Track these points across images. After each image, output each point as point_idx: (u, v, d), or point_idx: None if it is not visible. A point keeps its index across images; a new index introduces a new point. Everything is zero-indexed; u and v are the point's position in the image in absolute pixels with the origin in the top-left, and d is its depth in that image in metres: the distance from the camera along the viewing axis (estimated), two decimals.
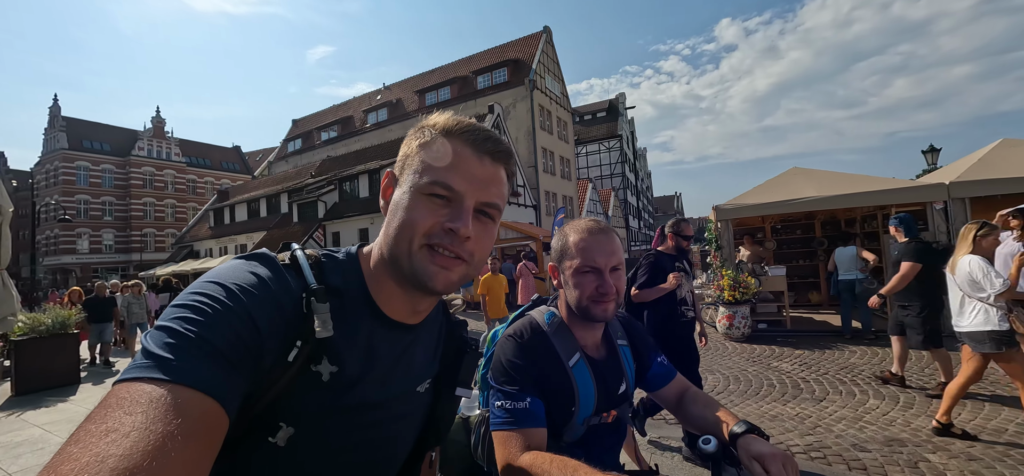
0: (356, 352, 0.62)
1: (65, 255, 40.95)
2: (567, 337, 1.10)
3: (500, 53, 31.49)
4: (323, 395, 0.59)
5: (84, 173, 42.47)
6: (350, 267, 0.66)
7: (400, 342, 0.68)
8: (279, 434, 0.57)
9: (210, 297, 0.50)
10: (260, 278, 0.55)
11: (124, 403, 0.41)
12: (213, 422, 0.45)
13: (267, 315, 0.53)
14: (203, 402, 0.44)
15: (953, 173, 6.74)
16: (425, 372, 0.73)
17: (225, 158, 54.83)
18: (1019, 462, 2.95)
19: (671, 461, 3.25)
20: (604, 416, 1.11)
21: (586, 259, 1.06)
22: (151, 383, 0.43)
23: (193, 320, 0.48)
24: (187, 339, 0.46)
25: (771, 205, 7.42)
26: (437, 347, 0.77)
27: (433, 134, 0.64)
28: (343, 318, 0.60)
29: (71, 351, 6.65)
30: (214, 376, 0.46)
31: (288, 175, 31.77)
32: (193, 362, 0.45)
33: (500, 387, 1.01)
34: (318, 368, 0.58)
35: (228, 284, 0.52)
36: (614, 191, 42.81)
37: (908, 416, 3.80)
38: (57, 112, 42.57)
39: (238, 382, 0.49)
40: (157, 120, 47.19)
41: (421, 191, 0.61)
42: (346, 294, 0.63)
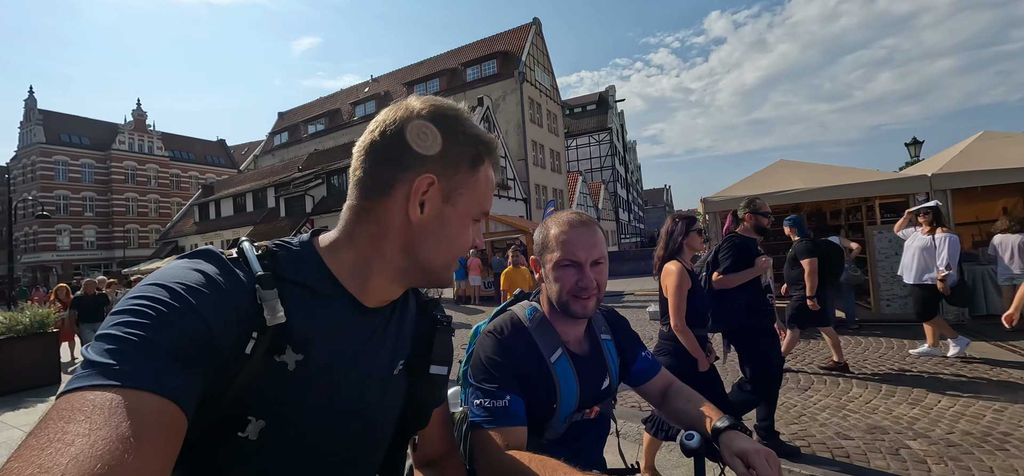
0: (322, 339, 0.61)
1: (45, 252, 39.95)
2: (549, 332, 1.08)
3: (489, 45, 31.26)
4: (290, 385, 0.58)
5: (63, 168, 41.36)
6: (308, 256, 0.64)
7: (369, 326, 0.67)
8: (248, 428, 0.56)
9: (151, 298, 0.48)
10: (204, 274, 0.54)
11: (66, 413, 0.39)
12: (168, 422, 0.43)
13: (215, 310, 0.51)
14: (155, 403, 0.43)
15: (935, 165, 6.87)
16: (398, 353, 0.73)
17: (210, 152, 53.79)
18: (996, 447, 3.03)
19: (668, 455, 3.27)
20: (587, 412, 1.10)
21: (566, 252, 1.04)
22: (94, 390, 0.41)
23: (135, 323, 0.46)
24: (130, 342, 0.45)
25: (763, 196, 7.49)
26: (408, 327, 0.76)
27: (482, 153, 0.68)
28: (305, 305, 0.60)
29: (50, 350, 6.49)
30: (163, 375, 0.44)
31: (274, 169, 31.30)
32: (139, 364, 0.44)
33: (479, 385, 0.99)
34: (282, 358, 0.57)
35: (169, 284, 0.50)
36: (604, 184, 42.96)
37: (890, 404, 3.88)
38: (33, 105, 41.31)
39: (191, 380, 0.47)
40: (138, 113, 46.07)
41: (474, 219, 0.69)
42: (308, 281, 0.62)
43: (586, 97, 49.52)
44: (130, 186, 44.78)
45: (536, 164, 29.49)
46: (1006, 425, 3.33)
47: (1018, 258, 5.67)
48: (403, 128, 0.64)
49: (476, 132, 0.68)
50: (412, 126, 0.64)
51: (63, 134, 41.89)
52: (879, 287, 6.79)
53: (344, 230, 0.66)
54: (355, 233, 0.65)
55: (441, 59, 33.73)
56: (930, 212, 4.93)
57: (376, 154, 0.64)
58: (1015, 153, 6.31)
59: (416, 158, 0.63)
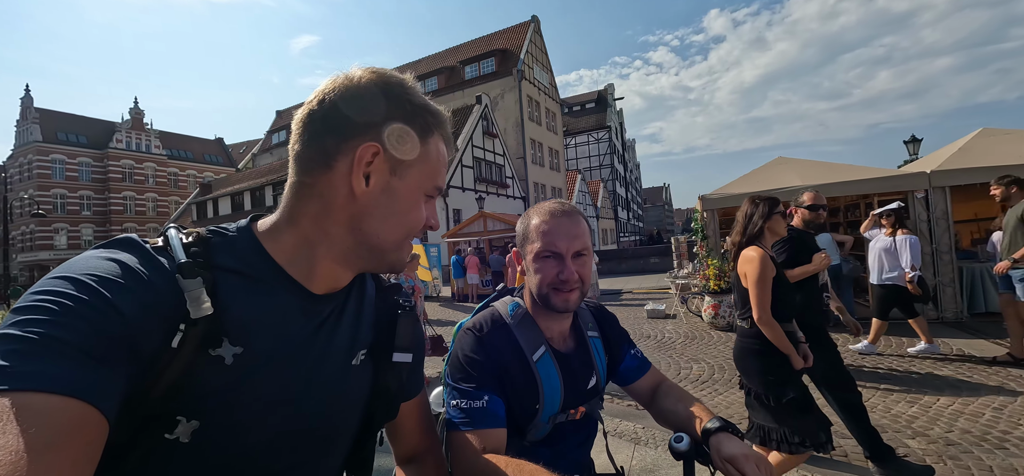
0: (263, 329, 0.56)
1: (42, 251, 39.82)
2: (531, 329, 1.03)
3: (488, 43, 31.18)
4: (229, 380, 0.53)
5: (60, 166, 41.21)
6: (244, 240, 0.60)
7: (319, 314, 0.63)
8: (178, 429, 0.51)
9: (55, 293, 0.43)
10: (120, 263, 0.49)
11: None
12: (79, 426, 0.39)
13: (134, 302, 0.47)
14: (64, 405, 0.38)
15: (934, 162, 6.83)
16: (357, 342, 0.68)
17: (207, 150, 53.65)
18: (995, 446, 2.99)
19: (665, 455, 3.23)
20: (572, 413, 1.04)
21: (547, 243, 0.98)
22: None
23: (36, 320, 0.41)
24: (31, 342, 0.40)
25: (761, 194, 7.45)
26: (367, 314, 0.72)
27: (432, 125, 0.65)
28: (243, 294, 0.56)
29: None
30: (72, 374, 0.40)
31: (273, 167, 31.19)
32: (40, 364, 0.39)
33: (456, 384, 0.94)
34: (218, 352, 0.52)
35: (76, 275, 0.45)
36: (603, 182, 42.93)
37: (888, 403, 3.84)
38: (29, 103, 41.15)
39: (109, 378, 0.43)
40: (136, 111, 45.90)
41: (426, 193, 0.65)
42: (249, 269, 0.58)
43: (585, 95, 49.46)
44: (127, 185, 44.64)
45: (535, 162, 29.44)
46: (1005, 424, 3.30)
47: None
48: (344, 95, 0.59)
49: (424, 102, 0.64)
50: (353, 92, 0.59)
51: (60, 132, 41.73)
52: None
53: (284, 211, 0.62)
54: (296, 213, 0.60)
55: (439, 57, 33.63)
56: (892, 214, 5.10)
57: (315, 125, 0.59)
58: (1014, 150, 6.28)
59: (358, 127, 0.59)
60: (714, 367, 5.21)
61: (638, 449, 3.26)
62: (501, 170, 25.87)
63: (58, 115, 42.77)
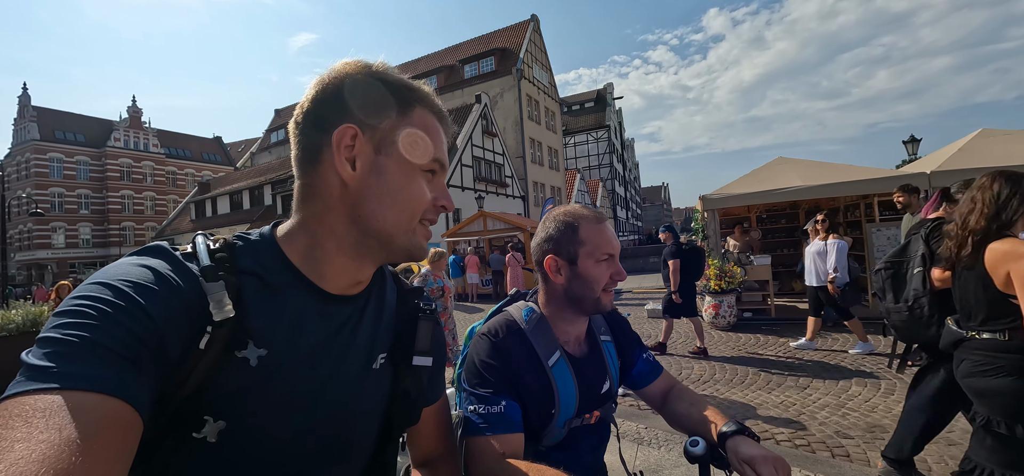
0: (283, 331, 0.57)
1: (39, 250, 39.67)
2: (547, 334, 1.03)
3: (487, 42, 31.12)
4: (254, 383, 0.54)
5: (58, 165, 41.04)
6: (265, 245, 0.61)
7: (338, 316, 0.63)
8: (206, 429, 0.52)
9: (92, 297, 0.46)
10: (150, 269, 0.52)
11: (4, 421, 0.37)
12: (118, 422, 0.41)
13: (164, 306, 0.49)
14: (103, 403, 0.41)
15: (934, 163, 6.85)
16: (377, 345, 0.68)
17: (206, 149, 53.49)
18: None
19: (667, 454, 3.24)
20: (586, 417, 1.05)
21: (604, 246, 1.01)
22: (34, 395, 0.39)
23: (75, 324, 0.43)
24: (71, 344, 0.42)
25: (757, 194, 7.47)
26: (388, 318, 0.72)
27: (411, 99, 0.63)
28: (263, 296, 0.57)
29: None
30: (110, 374, 0.42)
31: (272, 166, 31.12)
32: (82, 365, 0.41)
33: (473, 390, 0.95)
34: (243, 353, 0.54)
35: (111, 282, 0.48)
36: (602, 182, 42.93)
37: (890, 403, 3.86)
38: (27, 101, 40.95)
39: (142, 378, 0.45)
40: (133, 110, 45.72)
41: (422, 168, 0.62)
42: (267, 273, 0.59)
43: (584, 94, 49.44)
44: (126, 183, 44.48)
45: (534, 161, 29.42)
46: None
47: None
48: (321, 89, 0.61)
49: (402, 79, 0.63)
50: (328, 83, 0.61)
51: (58, 131, 41.55)
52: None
53: (294, 214, 0.63)
54: (304, 214, 0.62)
55: (439, 56, 33.57)
56: (827, 220, 5.56)
57: (303, 125, 0.61)
58: (1014, 150, 6.30)
59: (335, 115, 0.60)
60: (714, 366, 5.22)
61: (642, 449, 3.28)
62: (500, 169, 25.85)
63: (56, 113, 42.59)
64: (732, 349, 5.94)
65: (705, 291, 7.35)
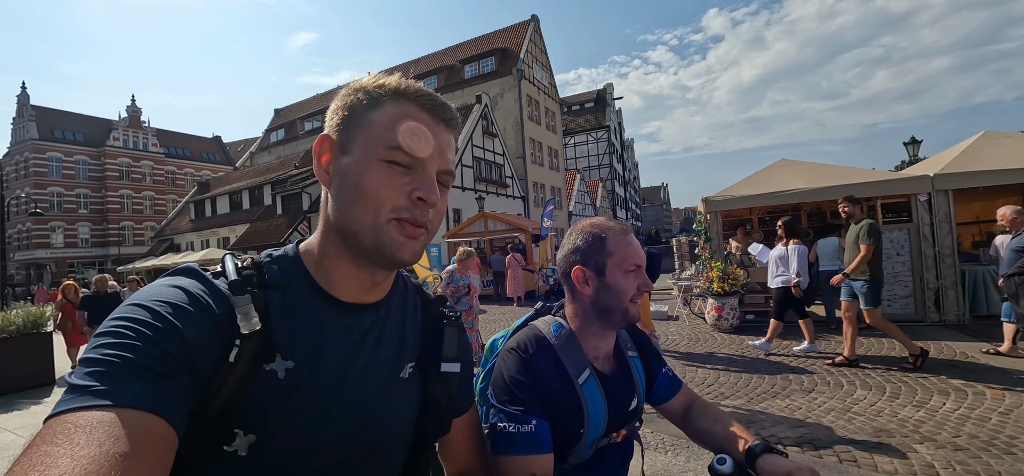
0: (307, 343, 0.59)
1: (38, 250, 39.57)
2: (576, 350, 1.02)
3: (487, 42, 31.10)
4: (282, 395, 0.56)
5: (57, 164, 40.95)
6: (291, 259, 0.64)
7: (358, 325, 0.64)
8: (236, 442, 0.53)
9: (130, 319, 0.49)
10: (181, 288, 0.54)
11: (49, 437, 0.40)
12: (157, 438, 0.43)
13: (195, 324, 0.51)
14: (142, 419, 0.43)
15: (936, 165, 6.85)
16: (403, 354, 0.69)
17: (205, 149, 53.39)
18: (1003, 451, 3.00)
19: (673, 459, 3.23)
20: (614, 436, 1.04)
21: (631, 257, 1.01)
22: (77, 412, 0.42)
23: (115, 344, 0.46)
24: (111, 364, 0.45)
25: (760, 196, 7.47)
26: (412, 326, 0.72)
27: (382, 95, 0.61)
28: (287, 310, 0.59)
29: (45, 351, 6.40)
30: (147, 391, 0.45)
31: (271, 166, 31.06)
32: (122, 383, 0.44)
33: (503, 407, 0.93)
34: (271, 366, 0.56)
35: (147, 303, 0.51)
36: (602, 182, 42.92)
37: (895, 407, 3.85)
38: (26, 100, 40.84)
39: (177, 395, 0.47)
40: (133, 109, 45.63)
41: (381, 159, 0.58)
42: (290, 286, 0.61)
43: (584, 95, 49.43)
44: (125, 183, 44.40)
45: (534, 162, 29.40)
46: (1012, 428, 3.31)
47: None
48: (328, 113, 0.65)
49: (381, 83, 0.62)
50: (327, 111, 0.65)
51: (57, 130, 41.45)
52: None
53: (319, 225, 0.66)
54: (319, 228, 0.65)
55: (439, 56, 33.55)
56: (784, 226, 5.81)
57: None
58: (1016, 153, 6.31)
59: (324, 131, 0.64)
60: (718, 370, 5.22)
61: (648, 454, 3.27)
62: (501, 170, 25.83)
63: (55, 113, 42.49)
64: (735, 352, 5.93)
65: (708, 293, 7.34)
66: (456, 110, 0.66)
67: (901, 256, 6.68)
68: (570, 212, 34.46)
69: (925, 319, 6.58)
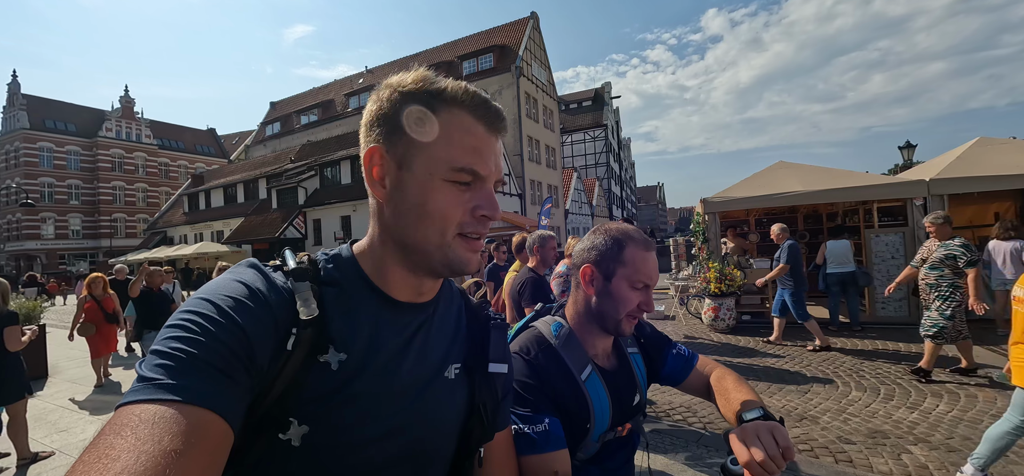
0: (360, 336, 0.60)
1: (28, 241, 39.11)
2: (577, 349, 1.03)
3: (486, 38, 31.03)
4: (335, 386, 0.57)
5: (48, 155, 40.45)
6: (346, 259, 0.65)
7: (410, 324, 0.65)
8: (290, 431, 0.55)
9: (197, 314, 0.50)
10: (246, 284, 0.55)
11: (116, 428, 0.42)
12: (212, 435, 0.45)
13: (254, 318, 0.53)
14: (199, 416, 0.44)
15: (932, 170, 6.92)
16: (450, 355, 0.70)
17: (199, 141, 52.93)
18: None
19: (674, 460, 3.26)
20: (619, 430, 1.06)
21: (646, 275, 1.01)
22: (143, 404, 0.44)
23: (181, 337, 0.48)
24: (178, 358, 0.47)
25: (759, 198, 7.51)
26: (460, 329, 0.74)
27: (436, 102, 0.59)
28: (343, 303, 0.60)
29: (37, 341, 6.34)
30: (209, 388, 0.46)
31: (266, 159, 30.86)
32: (185, 379, 0.46)
33: (514, 411, 0.93)
34: (326, 358, 0.57)
35: (213, 298, 0.52)
36: (598, 181, 43.00)
37: (889, 408, 3.90)
38: (16, 89, 40.29)
39: (236, 391, 0.49)
40: (126, 100, 45.14)
41: (447, 179, 0.59)
42: (344, 280, 0.62)
43: (582, 93, 49.43)
44: (117, 174, 43.95)
45: (531, 160, 29.40)
46: None
47: (1010, 264, 5.76)
48: (366, 112, 0.64)
49: (430, 87, 0.59)
50: (369, 106, 0.64)
51: (48, 120, 40.93)
52: (875, 290, 6.85)
53: (369, 227, 0.67)
54: (371, 231, 0.66)
55: (437, 51, 33.43)
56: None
57: (361, 142, 0.65)
58: (1011, 159, 6.38)
59: (369, 137, 0.63)
60: None
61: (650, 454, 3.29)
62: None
63: (46, 102, 41.94)
64: (732, 352, 5.98)
65: (705, 293, 7.38)
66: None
67: (896, 260, 6.74)
68: (566, 210, 34.50)
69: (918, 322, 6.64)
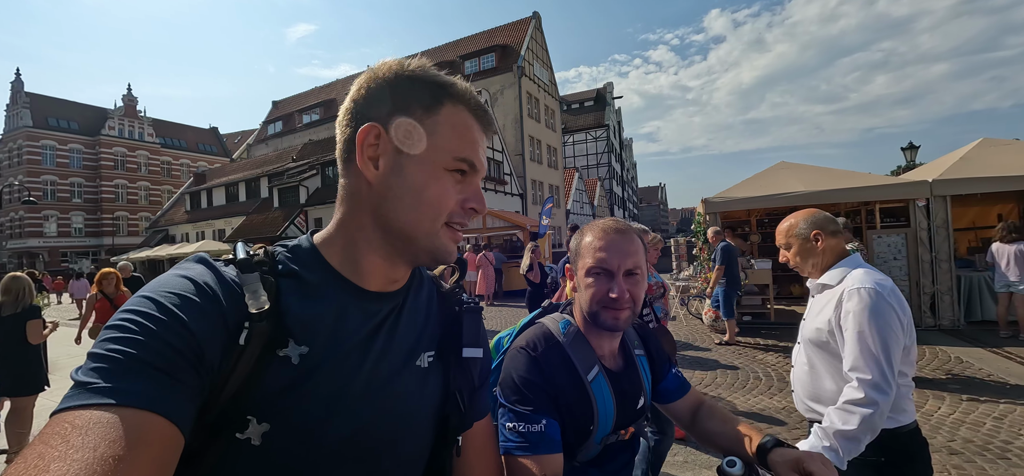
0: (323, 328, 0.57)
1: (31, 238, 39.24)
2: (584, 348, 1.01)
3: (488, 38, 31.01)
4: (296, 381, 0.54)
5: (50, 153, 40.57)
6: (303, 248, 0.63)
7: (378, 313, 0.63)
8: (249, 430, 0.52)
9: (136, 312, 0.48)
10: (188, 278, 0.53)
11: (47, 437, 0.39)
12: (155, 439, 0.42)
13: (200, 314, 0.50)
14: (142, 419, 0.42)
15: (935, 171, 6.89)
16: (421, 343, 0.67)
17: (201, 140, 53.05)
18: (998, 456, 3.03)
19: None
20: (622, 433, 1.04)
21: (598, 260, 0.98)
22: (77, 411, 0.41)
23: (120, 338, 0.45)
24: (115, 360, 0.44)
25: (760, 198, 7.49)
26: (432, 317, 0.71)
27: (442, 95, 0.61)
28: (302, 294, 0.58)
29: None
30: (150, 389, 0.43)
31: (268, 158, 30.90)
32: (121, 381, 0.43)
33: (512, 406, 0.92)
34: (285, 352, 0.54)
35: (154, 296, 0.50)
36: (600, 181, 42.96)
37: None
38: (20, 87, 40.41)
39: (182, 392, 0.46)
40: (128, 98, 45.24)
41: (446, 168, 0.60)
42: (304, 271, 0.60)
43: (584, 93, 49.37)
44: (119, 173, 44.06)
45: (533, 159, 29.37)
46: (1006, 433, 3.35)
47: (1014, 266, 5.74)
48: (358, 87, 0.62)
49: (433, 76, 0.62)
50: (363, 82, 0.62)
51: (51, 118, 41.06)
52: None
53: (335, 214, 0.64)
54: (341, 214, 0.63)
55: (439, 51, 33.41)
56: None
57: (341, 123, 0.62)
58: (1014, 160, 6.35)
59: (364, 114, 0.60)
60: (716, 371, 5.24)
61: None
62: (499, 167, 25.79)
63: (49, 100, 42.07)
64: (733, 353, 5.96)
65: (705, 294, 7.36)
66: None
67: (898, 261, 6.72)
68: (568, 210, 34.48)
69: (920, 324, 6.62)
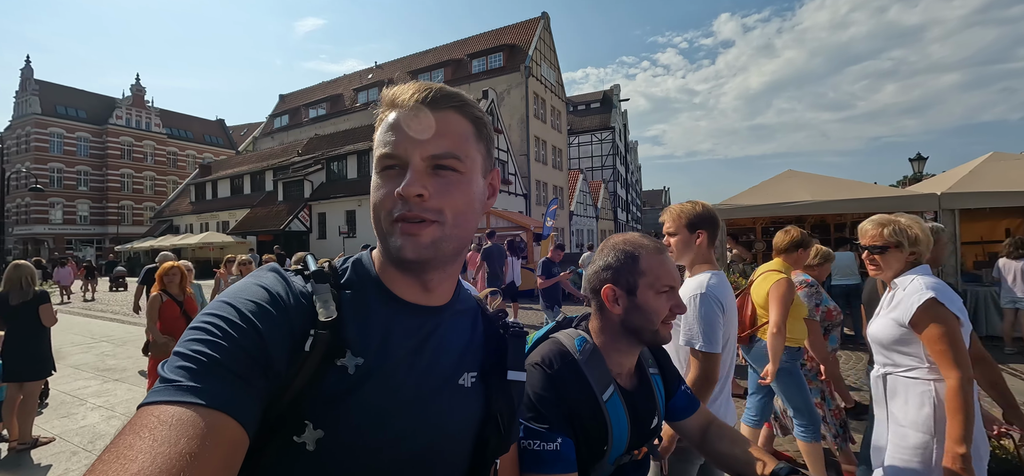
0: (375, 341, 0.60)
1: (36, 225, 39.50)
2: (600, 366, 1.00)
3: (496, 37, 31.01)
4: (351, 390, 0.57)
5: (58, 140, 40.83)
6: (363, 263, 0.67)
7: (421, 327, 0.65)
8: (305, 434, 0.55)
9: (219, 317, 0.52)
10: (263, 287, 0.57)
11: (135, 428, 0.43)
12: (227, 438, 0.46)
13: (272, 322, 0.54)
14: (218, 420, 0.45)
15: (943, 184, 6.85)
16: (464, 362, 0.69)
17: (208, 131, 53.28)
18: None
19: None
20: (635, 453, 1.03)
21: (664, 277, 1.00)
22: (162, 406, 0.45)
23: (202, 340, 0.49)
24: (199, 361, 0.48)
25: (767, 206, 7.47)
26: (474, 336, 0.73)
27: (381, 111, 0.65)
28: (357, 307, 0.61)
29: None
30: (227, 392, 0.47)
31: (274, 152, 31.04)
32: (204, 382, 0.47)
33: (527, 424, 0.91)
34: (343, 362, 0.57)
35: (232, 301, 0.54)
36: (604, 183, 42.93)
37: None
38: (29, 75, 40.68)
39: (252, 395, 0.50)
40: (137, 88, 45.50)
41: (377, 171, 0.63)
42: (359, 284, 0.63)
43: (590, 95, 49.32)
44: (126, 162, 44.30)
45: (538, 160, 29.37)
46: None
47: (1020, 281, 5.70)
48: None
49: (387, 96, 0.65)
50: None
51: (59, 106, 41.32)
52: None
53: None
54: None
55: (447, 49, 33.44)
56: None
57: None
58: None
59: None
60: None
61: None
62: (504, 166, 25.79)
63: (58, 88, 42.33)
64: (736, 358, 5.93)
65: None
66: (454, 91, 0.64)
67: None
68: (571, 212, 34.46)
69: None
